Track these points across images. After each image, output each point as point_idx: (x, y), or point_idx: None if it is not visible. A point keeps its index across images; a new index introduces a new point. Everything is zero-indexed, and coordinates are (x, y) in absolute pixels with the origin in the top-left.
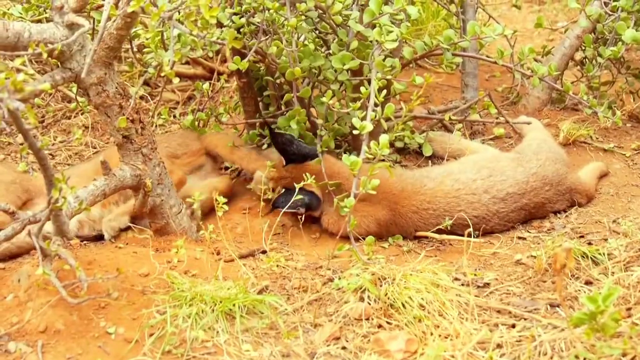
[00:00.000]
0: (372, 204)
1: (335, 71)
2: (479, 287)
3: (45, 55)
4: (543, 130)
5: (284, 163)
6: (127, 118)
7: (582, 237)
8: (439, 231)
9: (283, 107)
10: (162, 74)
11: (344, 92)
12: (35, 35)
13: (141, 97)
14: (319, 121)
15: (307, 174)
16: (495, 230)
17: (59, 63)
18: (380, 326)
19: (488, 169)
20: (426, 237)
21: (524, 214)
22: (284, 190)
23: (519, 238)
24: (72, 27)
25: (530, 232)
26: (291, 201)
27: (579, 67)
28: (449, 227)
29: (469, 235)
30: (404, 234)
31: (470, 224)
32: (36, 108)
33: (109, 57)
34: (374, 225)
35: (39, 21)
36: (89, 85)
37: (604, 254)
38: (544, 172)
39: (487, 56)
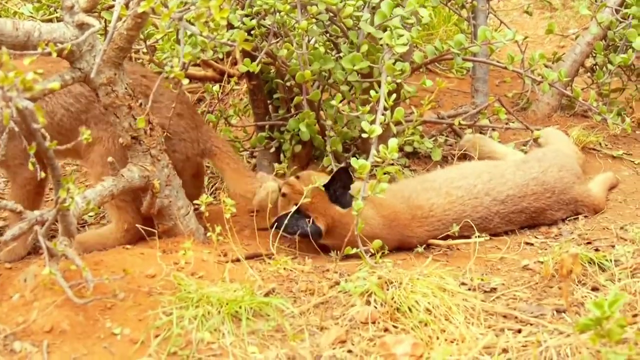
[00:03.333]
0: (385, 239)
1: (345, 72)
2: (485, 292)
3: (54, 55)
4: (561, 142)
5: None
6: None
7: (589, 243)
8: (446, 236)
9: (293, 110)
10: (172, 76)
11: (353, 94)
12: (45, 35)
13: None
14: (328, 123)
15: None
16: (498, 230)
17: (68, 63)
18: (386, 330)
19: (488, 174)
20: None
21: (525, 217)
22: (292, 210)
23: (527, 243)
24: (82, 27)
25: (537, 238)
26: (294, 226)
27: (589, 73)
28: (456, 233)
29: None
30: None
31: (474, 227)
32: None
33: (119, 57)
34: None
35: (50, 21)
36: (98, 86)
37: (610, 260)
38: (545, 177)
39: (498, 61)
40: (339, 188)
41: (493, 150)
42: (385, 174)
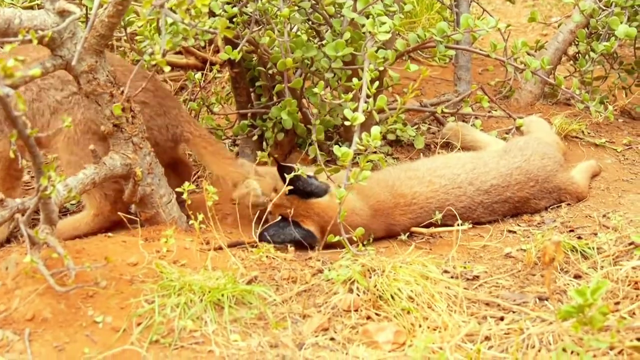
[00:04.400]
0: (367, 221)
1: (330, 60)
2: (468, 279)
3: (35, 42)
4: (542, 131)
5: (287, 192)
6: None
7: (571, 231)
8: (429, 224)
9: (275, 98)
10: (154, 63)
11: (338, 81)
12: (26, 22)
13: None
14: (314, 110)
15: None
16: (481, 220)
17: (49, 50)
18: (368, 317)
19: (472, 163)
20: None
21: (508, 207)
22: (278, 218)
23: (509, 231)
24: (63, 14)
25: (520, 226)
26: (281, 235)
27: (572, 61)
28: (439, 222)
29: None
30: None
31: (457, 216)
32: None
33: (100, 44)
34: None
35: (30, 8)
36: (79, 73)
37: (593, 248)
38: (529, 166)
39: (481, 50)
40: (296, 183)
41: (475, 138)
42: (368, 162)
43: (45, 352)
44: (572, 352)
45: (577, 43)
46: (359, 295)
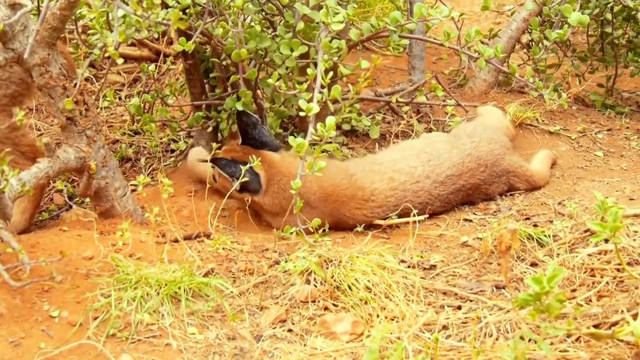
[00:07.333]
0: (318, 210)
1: (283, 55)
2: (425, 269)
3: None
4: (491, 117)
5: (240, 142)
6: (72, 100)
7: (527, 219)
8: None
9: (229, 89)
10: (107, 55)
11: (290, 73)
12: None
13: (86, 79)
14: (266, 104)
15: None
16: (437, 212)
17: (1, 43)
18: (326, 308)
19: (427, 154)
20: None
21: (462, 196)
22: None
23: (465, 220)
24: (14, 6)
25: (476, 214)
26: (232, 167)
27: (525, 49)
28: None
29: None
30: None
31: (414, 211)
32: None
33: (53, 37)
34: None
35: None
36: (32, 66)
37: (549, 235)
38: (478, 152)
39: (434, 39)
40: (252, 130)
41: None
42: (323, 152)
43: (0, 347)
44: (529, 340)
45: (530, 31)
46: (316, 286)
